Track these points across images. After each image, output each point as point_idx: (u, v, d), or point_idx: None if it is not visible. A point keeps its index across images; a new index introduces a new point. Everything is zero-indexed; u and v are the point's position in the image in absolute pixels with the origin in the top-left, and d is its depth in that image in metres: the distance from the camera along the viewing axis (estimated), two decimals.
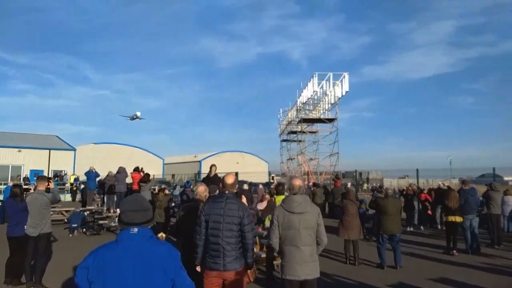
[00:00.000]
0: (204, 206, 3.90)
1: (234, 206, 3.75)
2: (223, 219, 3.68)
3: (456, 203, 9.60)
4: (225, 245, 3.64)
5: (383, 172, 40.36)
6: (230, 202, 3.79)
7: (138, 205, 2.16)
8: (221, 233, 3.66)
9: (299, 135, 38.60)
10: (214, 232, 3.69)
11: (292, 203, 3.93)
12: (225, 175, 4.09)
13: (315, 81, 33.35)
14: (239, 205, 3.80)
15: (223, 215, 3.69)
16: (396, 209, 8.06)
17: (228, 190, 3.91)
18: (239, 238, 3.70)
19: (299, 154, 37.85)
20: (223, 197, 3.86)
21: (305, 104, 36.42)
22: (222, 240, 3.65)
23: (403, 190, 15.80)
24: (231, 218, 3.68)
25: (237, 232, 3.68)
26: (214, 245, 3.68)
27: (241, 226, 3.68)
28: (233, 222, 3.67)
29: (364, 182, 34.79)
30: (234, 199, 3.87)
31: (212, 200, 3.95)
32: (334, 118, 35.01)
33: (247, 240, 3.70)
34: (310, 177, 32.38)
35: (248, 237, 3.70)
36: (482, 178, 25.92)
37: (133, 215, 2.11)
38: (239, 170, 27.96)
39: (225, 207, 3.73)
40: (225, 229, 3.66)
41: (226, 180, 3.97)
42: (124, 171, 15.29)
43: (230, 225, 3.67)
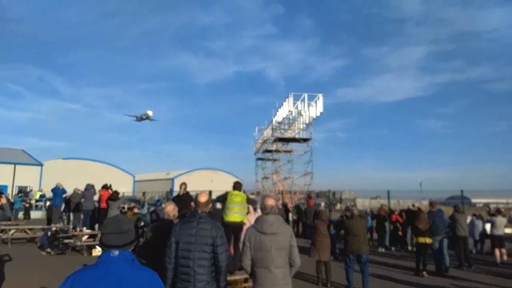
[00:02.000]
0: (175, 227, 3.74)
1: (207, 226, 3.61)
2: (195, 239, 3.53)
3: (426, 224, 9.79)
4: (197, 268, 3.47)
5: (356, 192, 41.07)
6: (203, 222, 3.64)
7: (119, 227, 2.08)
8: (192, 255, 3.49)
9: (274, 153, 38.71)
10: (185, 254, 3.52)
11: (264, 223, 3.83)
12: (198, 193, 3.97)
13: (290, 101, 33.77)
14: (212, 225, 3.65)
15: (195, 235, 3.54)
16: (361, 229, 7.95)
17: (201, 210, 3.78)
18: (212, 260, 3.54)
19: (274, 173, 37.87)
20: (196, 216, 3.72)
21: (281, 123, 36.70)
22: (194, 262, 3.48)
23: (376, 211, 16.00)
24: (204, 238, 3.53)
25: (210, 253, 3.53)
26: (185, 268, 3.50)
27: (214, 247, 3.53)
28: (205, 243, 3.52)
29: (337, 202, 35.12)
30: (207, 218, 3.72)
31: (184, 221, 3.81)
32: (309, 138, 35.38)
33: (220, 262, 3.54)
34: (285, 196, 32.35)
35: (221, 259, 3.55)
36: (451, 200, 26.73)
37: (114, 237, 2.02)
38: (213, 188, 27.53)
39: (197, 226, 3.59)
40: (196, 251, 3.50)
41: (199, 199, 3.84)
42: (92, 188, 14.75)
43: (203, 246, 3.51)
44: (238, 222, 7.44)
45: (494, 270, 10.50)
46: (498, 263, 11.20)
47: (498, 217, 11.94)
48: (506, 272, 10.14)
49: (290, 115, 35.87)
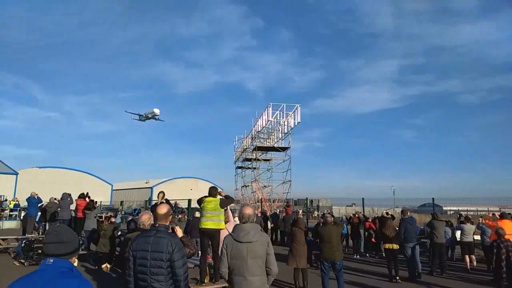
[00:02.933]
0: (133, 241, 3.64)
1: (163, 240, 3.44)
2: (150, 255, 3.41)
3: (393, 231, 10.14)
4: (154, 283, 3.38)
5: (332, 200, 41.68)
6: (159, 236, 3.49)
7: (58, 237, 2.16)
8: (148, 271, 3.40)
9: (254, 162, 38.95)
10: (142, 269, 3.43)
11: (240, 232, 3.85)
12: (157, 205, 3.85)
13: (269, 111, 34.17)
14: (169, 239, 3.47)
15: (150, 251, 3.42)
16: (335, 236, 8.05)
17: (159, 223, 3.63)
18: (170, 274, 3.42)
19: (253, 181, 38.07)
20: (153, 230, 3.59)
21: (260, 132, 37.04)
22: (150, 277, 3.39)
23: (350, 218, 16.40)
24: (159, 254, 3.39)
25: (166, 269, 3.39)
26: (143, 283, 3.43)
27: (171, 262, 3.39)
28: (160, 259, 3.38)
29: (314, 209, 35.59)
30: (164, 233, 3.56)
31: (142, 234, 3.69)
32: (287, 147, 35.86)
33: (178, 277, 3.41)
34: (264, 204, 32.54)
35: (179, 274, 3.41)
36: (423, 208, 27.57)
37: (52, 246, 2.13)
38: (193, 196, 27.42)
39: (152, 242, 3.45)
40: (152, 266, 3.39)
41: (157, 211, 3.68)
42: (69, 198, 14.52)
43: (158, 261, 3.38)
44: (211, 229, 7.49)
45: (464, 276, 10.93)
46: (468, 269, 11.66)
47: (467, 224, 12.49)
48: (476, 278, 10.58)
49: (269, 125, 36.28)
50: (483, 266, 12.06)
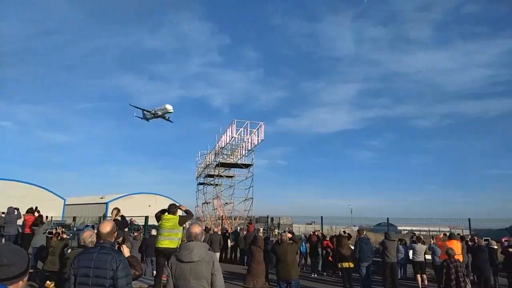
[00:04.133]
0: (74, 259, 3.49)
1: (107, 257, 3.32)
2: (92, 272, 3.27)
3: (348, 250, 10.39)
4: None
5: (293, 218, 42.03)
6: (103, 252, 3.37)
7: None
8: None
9: (216, 178, 38.67)
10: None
11: (184, 251, 3.74)
12: (101, 222, 3.74)
13: (233, 127, 34.31)
14: (113, 256, 3.35)
15: (93, 267, 3.28)
16: (290, 254, 8.05)
17: (103, 240, 3.52)
18: None
19: (215, 198, 37.65)
20: (96, 247, 3.48)
21: (223, 148, 36.97)
22: None
23: (309, 236, 16.56)
24: (102, 271, 3.26)
25: (109, 287, 3.25)
26: None
27: (114, 280, 3.25)
28: (103, 276, 3.25)
29: (275, 227, 35.65)
30: (109, 249, 3.43)
31: (85, 251, 3.57)
32: (250, 164, 36.01)
33: None
34: (225, 222, 32.18)
35: None
36: (379, 227, 28.46)
37: None
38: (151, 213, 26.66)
39: (95, 258, 3.32)
40: (93, 284, 3.25)
41: (100, 228, 3.57)
42: (15, 212, 13.64)
43: (100, 279, 3.25)
44: (168, 248, 7.29)
45: None
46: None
47: (418, 244, 13.00)
48: None
49: (233, 141, 36.35)
50: (434, 285, 12.50)
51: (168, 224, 7.42)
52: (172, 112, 51.36)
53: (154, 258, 8.51)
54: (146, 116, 53.08)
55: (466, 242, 13.02)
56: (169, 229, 7.41)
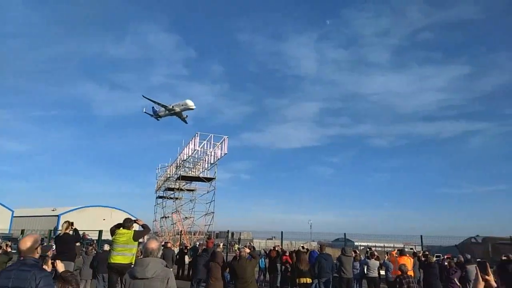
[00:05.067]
0: None
1: (26, 274, 3.12)
2: None
3: (306, 265, 10.48)
4: None
5: (254, 233, 41.87)
6: (23, 269, 3.17)
7: None
8: None
9: (177, 192, 37.85)
10: None
11: (138, 267, 3.67)
12: (22, 238, 3.56)
13: (197, 140, 33.97)
14: (34, 273, 3.14)
15: (10, 287, 3.09)
16: (249, 270, 7.95)
17: (24, 256, 3.31)
18: None
19: (174, 212, 36.78)
20: (17, 264, 3.29)
21: (185, 161, 36.41)
22: None
23: (270, 251, 16.52)
24: None
25: None
26: None
27: None
28: None
29: (235, 242, 35.32)
30: (31, 266, 3.23)
31: (3, 269, 3.41)
32: (213, 177, 35.64)
33: None
34: (184, 237, 31.46)
35: None
36: (337, 242, 29.02)
37: None
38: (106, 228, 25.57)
39: (13, 276, 3.13)
40: None
41: (20, 245, 3.37)
42: None
43: None
44: (121, 264, 7.01)
45: None
46: None
47: (371, 260, 13.36)
48: None
49: (195, 154, 35.93)
50: None
51: (122, 239, 7.14)
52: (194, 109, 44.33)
53: (106, 274, 8.11)
54: (158, 113, 46.40)
55: (418, 258, 13.53)
56: (123, 244, 7.12)
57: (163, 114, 46.88)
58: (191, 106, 43.77)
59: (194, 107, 44.18)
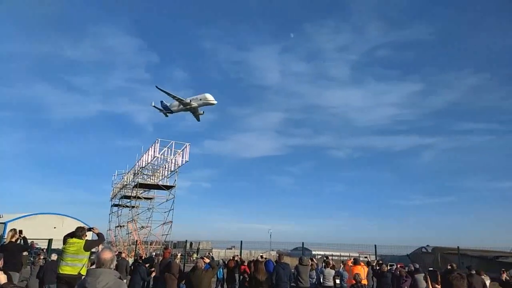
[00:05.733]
0: None
1: None
2: None
3: (263, 275, 10.51)
4: None
5: (213, 242, 41.37)
6: None
7: None
8: None
9: (133, 200, 36.66)
10: None
11: (90, 277, 3.53)
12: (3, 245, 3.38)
13: (157, 147, 33.23)
14: None
15: None
16: (205, 282, 7.83)
17: None
18: None
19: (130, 221, 35.54)
20: None
21: (144, 168, 35.44)
22: None
23: (229, 261, 16.40)
24: None
25: None
26: None
27: None
28: None
29: (194, 252, 34.67)
30: None
31: None
32: (172, 185, 34.94)
33: None
34: (139, 247, 30.45)
35: None
36: (295, 251, 29.36)
37: None
38: (56, 237, 24.18)
39: None
40: None
41: None
42: None
43: None
44: (70, 275, 6.67)
45: None
46: None
47: (326, 269, 13.62)
48: None
49: (155, 161, 35.10)
50: None
51: (72, 249, 6.80)
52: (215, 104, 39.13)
53: (53, 285, 7.67)
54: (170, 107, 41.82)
55: (372, 267, 13.97)
56: (73, 254, 6.79)
57: (176, 110, 42.80)
58: (212, 101, 39.33)
59: (215, 102, 39.61)
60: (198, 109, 41.40)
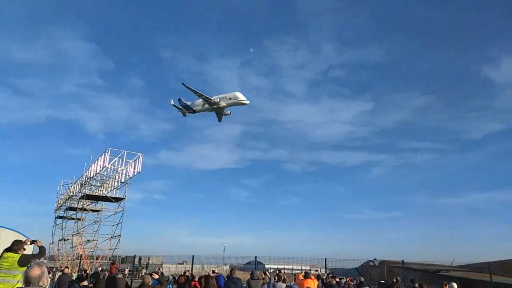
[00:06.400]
0: None
1: None
2: None
3: None
4: None
5: (164, 257, 40.00)
6: None
7: None
8: None
9: (80, 212, 34.76)
10: None
11: None
12: None
13: (107, 156, 31.96)
14: None
15: None
16: None
17: None
18: None
19: (75, 234, 33.60)
20: None
21: (92, 179, 33.87)
22: None
23: (178, 277, 15.93)
24: None
25: None
26: None
27: None
28: None
29: (143, 267, 33.32)
30: None
31: None
32: (122, 197, 33.66)
33: None
34: (84, 262, 28.77)
35: None
36: (249, 265, 29.19)
37: None
38: None
39: None
40: None
41: None
42: None
43: None
44: None
45: None
46: None
47: (278, 283, 13.66)
48: None
49: (105, 171, 33.69)
50: None
51: (6, 264, 6.27)
52: (246, 104, 35.05)
53: None
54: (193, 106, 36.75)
55: (322, 281, 14.23)
56: (6, 269, 6.25)
57: (200, 109, 38.41)
58: (243, 100, 35.36)
59: (247, 102, 35.80)
60: (224, 109, 37.94)
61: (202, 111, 38.55)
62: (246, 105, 37.13)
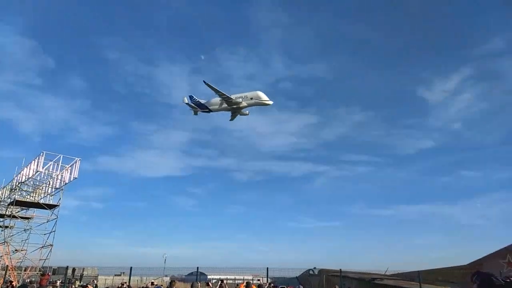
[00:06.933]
0: None
1: None
2: None
3: None
4: None
5: (100, 268, 37.98)
6: None
7: None
8: None
9: (8, 219, 32.12)
10: None
11: None
12: None
13: (41, 160, 29.94)
14: None
15: None
16: None
17: None
18: None
19: (1, 243, 30.91)
20: None
21: (24, 184, 31.50)
22: None
23: None
24: None
25: None
26: None
27: None
28: None
29: (76, 279, 31.42)
30: None
31: None
32: (56, 204, 31.72)
33: None
34: (10, 273, 26.50)
35: None
36: (190, 276, 28.71)
37: None
38: None
39: None
40: None
41: None
42: None
43: None
44: None
45: None
46: None
47: None
48: None
49: (37, 176, 31.51)
50: None
51: None
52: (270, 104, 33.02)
53: None
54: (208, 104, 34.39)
55: None
56: None
57: (216, 108, 36.63)
58: (266, 100, 33.51)
59: (271, 103, 34.03)
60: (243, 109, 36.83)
61: (219, 110, 37.60)
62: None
